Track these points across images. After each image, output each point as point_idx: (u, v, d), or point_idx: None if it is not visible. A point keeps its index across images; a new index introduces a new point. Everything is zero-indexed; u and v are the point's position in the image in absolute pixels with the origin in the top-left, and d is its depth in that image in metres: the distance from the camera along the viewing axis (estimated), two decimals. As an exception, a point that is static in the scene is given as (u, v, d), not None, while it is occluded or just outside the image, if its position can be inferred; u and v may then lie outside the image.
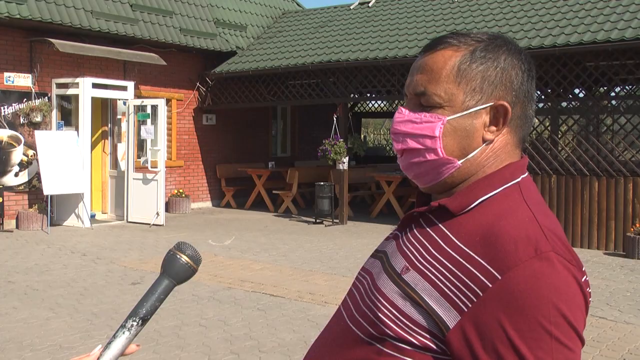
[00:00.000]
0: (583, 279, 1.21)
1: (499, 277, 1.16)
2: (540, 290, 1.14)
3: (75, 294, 7.85)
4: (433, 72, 1.33)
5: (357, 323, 1.33)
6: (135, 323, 1.35)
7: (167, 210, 15.22)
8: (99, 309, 7.16)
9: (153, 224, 13.68)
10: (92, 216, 13.92)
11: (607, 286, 8.51)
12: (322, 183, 14.21)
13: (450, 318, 1.19)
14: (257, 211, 16.32)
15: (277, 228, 13.59)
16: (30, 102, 13.21)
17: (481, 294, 1.17)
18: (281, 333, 6.37)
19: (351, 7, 18.11)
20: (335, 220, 14.23)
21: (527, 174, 1.36)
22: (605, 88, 14.08)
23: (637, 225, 10.78)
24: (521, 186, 1.32)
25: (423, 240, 1.31)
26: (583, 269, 1.23)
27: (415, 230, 1.36)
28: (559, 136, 12.90)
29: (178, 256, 1.40)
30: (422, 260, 1.28)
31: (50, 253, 10.45)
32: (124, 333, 1.35)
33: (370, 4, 17.71)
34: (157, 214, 13.78)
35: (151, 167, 14.10)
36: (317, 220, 14.33)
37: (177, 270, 1.40)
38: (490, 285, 1.17)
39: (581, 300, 1.19)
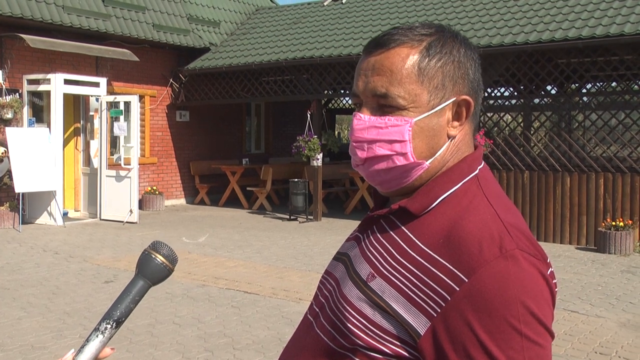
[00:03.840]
0: (548, 272, 1.21)
1: (466, 280, 1.15)
2: (507, 289, 1.13)
3: (48, 293, 7.77)
4: (393, 73, 1.27)
5: (326, 332, 1.31)
6: (109, 326, 1.31)
7: (140, 207, 15.12)
8: (71, 308, 7.09)
9: (126, 222, 13.59)
10: (65, 214, 13.79)
11: (579, 280, 8.60)
12: (296, 180, 14.20)
13: (420, 325, 1.18)
14: (231, 208, 16.27)
15: (251, 225, 13.56)
16: (0, 98, 13.04)
17: (449, 298, 1.16)
18: (255, 330, 6.36)
19: (324, 4, 18.11)
20: (309, 217, 14.23)
21: (483, 163, 1.34)
22: (576, 85, 14.22)
23: (608, 220, 10.91)
24: (479, 178, 1.30)
25: (387, 245, 1.29)
26: (548, 261, 1.22)
27: (377, 233, 1.33)
28: (532, 132, 13.01)
29: (153, 256, 1.37)
30: (387, 266, 1.26)
31: (21, 252, 10.34)
32: (97, 336, 1.31)
33: (343, 1, 17.72)
34: (131, 211, 13.69)
35: (124, 164, 14.00)
36: (292, 217, 14.33)
37: (152, 270, 1.36)
38: (458, 289, 1.15)
39: (548, 295, 1.19)
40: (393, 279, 1.23)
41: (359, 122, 1.31)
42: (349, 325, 1.25)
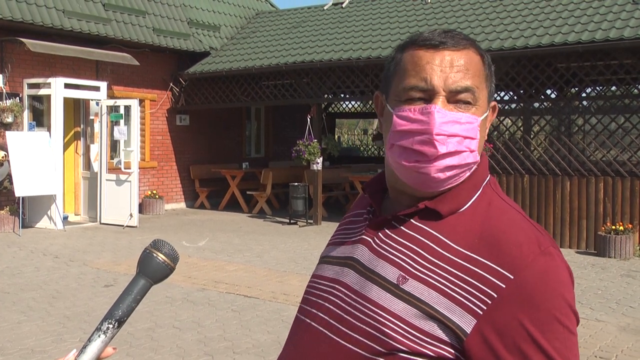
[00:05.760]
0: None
1: (512, 277, 1.19)
2: (550, 284, 1.19)
3: (48, 296, 7.77)
4: (469, 71, 1.29)
5: (351, 339, 1.28)
6: (111, 325, 1.31)
7: (140, 211, 15.11)
8: (71, 312, 7.10)
9: (126, 226, 13.59)
10: (65, 218, 13.78)
11: (579, 284, 8.60)
12: (296, 184, 14.20)
13: (465, 323, 1.20)
14: (231, 212, 16.27)
15: (251, 229, 13.56)
16: (1, 102, 13.05)
17: (495, 296, 1.19)
18: (255, 334, 6.36)
19: (325, 8, 18.13)
20: (309, 221, 14.23)
21: None
22: (576, 89, 14.23)
23: (608, 224, 10.91)
24: (490, 182, 1.36)
25: (412, 246, 1.29)
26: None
27: (393, 235, 1.33)
28: (532, 136, 13.01)
29: (154, 255, 1.35)
30: (419, 268, 1.26)
31: (22, 255, 10.34)
32: (99, 336, 1.30)
33: (343, 5, 17.74)
34: (131, 215, 13.69)
35: (124, 168, 14.00)
36: (291, 221, 14.33)
37: (153, 269, 1.35)
38: (504, 286, 1.19)
39: (572, 287, 1.25)
40: (430, 280, 1.24)
41: (441, 115, 1.27)
42: (386, 330, 1.24)
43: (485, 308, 1.19)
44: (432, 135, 1.26)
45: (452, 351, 1.21)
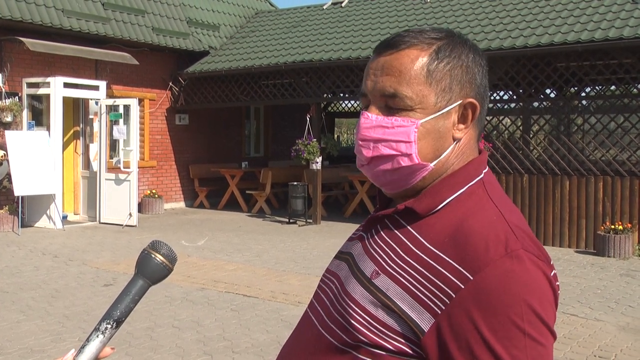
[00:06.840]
0: (552, 274, 1.22)
1: (471, 278, 1.16)
2: (512, 288, 1.14)
3: (47, 296, 7.77)
4: (401, 73, 1.28)
5: (329, 330, 1.31)
6: (109, 326, 1.32)
7: (140, 211, 15.10)
8: (70, 312, 7.09)
9: (126, 225, 13.58)
10: (64, 217, 13.78)
11: (578, 284, 8.60)
12: (295, 183, 14.20)
13: (424, 321, 1.19)
14: (230, 211, 16.27)
15: (250, 228, 13.56)
16: (0, 101, 13.04)
17: (454, 296, 1.17)
18: (255, 333, 6.37)
19: (324, 7, 18.13)
20: (308, 220, 14.23)
21: (487, 167, 1.36)
22: (575, 88, 14.24)
23: (607, 223, 10.91)
24: (485, 182, 1.32)
25: (391, 243, 1.30)
26: (551, 263, 1.24)
27: (382, 232, 1.34)
28: (531, 136, 13.02)
29: (152, 255, 1.37)
30: (392, 264, 1.27)
31: (21, 255, 10.34)
32: (97, 336, 1.31)
33: (343, 4, 17.74)
34: (130, 214, 13.69)
35: (124, 168, 14.00)
36: (291, 221, 14.32)
37: (151, 270, 1.36)
38: (463, 286, 1.16)
39: (551, 296, 1.20)
40: (398, 276, 1.24)
41: (366, 121, 1.32)
42: (352, 322, 1.26)
43: (444, 308, 1.17)
44: (358, 140, 1.33)
45: (413, 346, 1.21)
